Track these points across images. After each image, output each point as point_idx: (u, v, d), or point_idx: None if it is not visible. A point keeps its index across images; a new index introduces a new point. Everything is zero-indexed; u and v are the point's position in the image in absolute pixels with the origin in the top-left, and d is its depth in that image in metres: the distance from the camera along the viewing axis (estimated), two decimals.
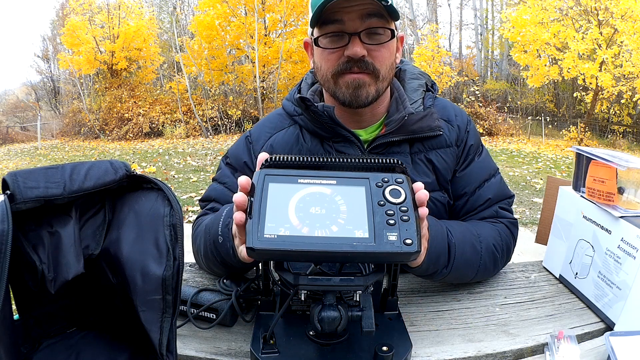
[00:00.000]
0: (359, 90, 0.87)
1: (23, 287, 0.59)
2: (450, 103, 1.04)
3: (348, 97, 0.89)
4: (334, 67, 0.87)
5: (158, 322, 0.56)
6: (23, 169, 0.54)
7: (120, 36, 17.14)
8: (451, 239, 0.79)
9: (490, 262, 0.87)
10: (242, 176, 0.60)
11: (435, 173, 0.95)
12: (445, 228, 0.80)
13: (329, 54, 0.87)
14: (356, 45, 0.83)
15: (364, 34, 0.84)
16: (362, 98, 0.88)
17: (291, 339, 0.66)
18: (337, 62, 0.87)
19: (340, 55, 0.86)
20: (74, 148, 14.07)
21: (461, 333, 0.75)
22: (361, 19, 0.83)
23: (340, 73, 0.87)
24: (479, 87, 19.89)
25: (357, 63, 0.85)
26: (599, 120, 15.43)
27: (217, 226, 0.75)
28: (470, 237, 0.84)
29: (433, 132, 0.94)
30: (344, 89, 0.88)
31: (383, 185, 0.59)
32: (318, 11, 0.82)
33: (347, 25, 0.83)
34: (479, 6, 23.40)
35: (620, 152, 0.87)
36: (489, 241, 0.87)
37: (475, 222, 0.93)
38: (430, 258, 0.72)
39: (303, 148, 0.96)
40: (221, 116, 16.27)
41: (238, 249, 0.65)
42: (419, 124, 0.93)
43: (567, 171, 7.63)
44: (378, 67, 0.86)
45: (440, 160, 0.95)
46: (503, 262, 0.92)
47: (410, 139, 0.94)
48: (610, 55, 12.54)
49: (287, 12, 15.29)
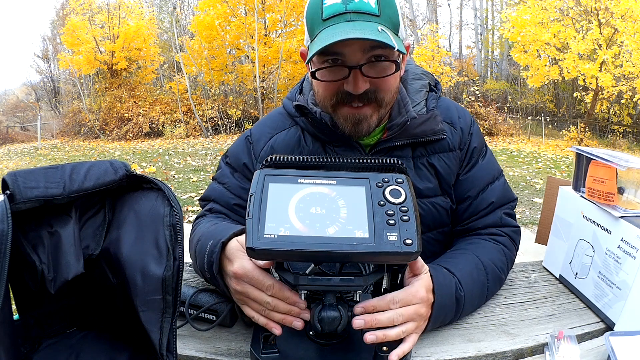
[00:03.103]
0: (358, 125, 0.83)
1: (23, 287, 0.59)
2: (453, 103, 1.01)
3: (347, 130, 0.85)
4: (333, 98, 0.83)
5: (158, 322, 0.56)
6: (23, 169, 0.54)
7: (120, 36, 17.15)
8: (459, 293, 0.74)
9: (495, 286, 0.85)
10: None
11: (437, 178, 0.93)
12: (454, 283, 0.74)
13: (328, 85, 0.82)
14: (357, 80, 0.78)
15: (366, 67, 0.77)
16: (363, 132, 0.85)
17: (291, 339, 0.66)
18: (335, 93, 0.82)
19: (340, 86, 0.81)
20: (74, 148, 14.07)
21: (461, 333, 0.75)
22: (363, 52, 0.76)
23: (339, 104, 0.83)
24: (479, 87, 19.89)
25: (357, 96, 0.80)
26: (599, 120, 15.43)
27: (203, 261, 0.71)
28: (478, 273, 0.80)
29: (436, 136, 0.91)
30: (342, 121, 0.85)
31: (383, 185, 0.59)
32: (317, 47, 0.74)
33: (348, 58, 0.77)
34: (479, 6, 23.40)
35: (620, 152, 0.87)
36: (494, 267, 0.84)
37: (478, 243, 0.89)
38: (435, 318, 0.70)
39: (304, 151, 0.94)
40: (221, 116, 16.28)
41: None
42: (422, 127, 0.90)
43: (567, 171, 7.63)
44: (382, 96, 0.82)
45: (442, 164, 0.92)
46: (506, 277, 0.90)
47: (412, 143, 0.91)
48: (611, 56, 12.54)
49: (287, 12, 15.29)
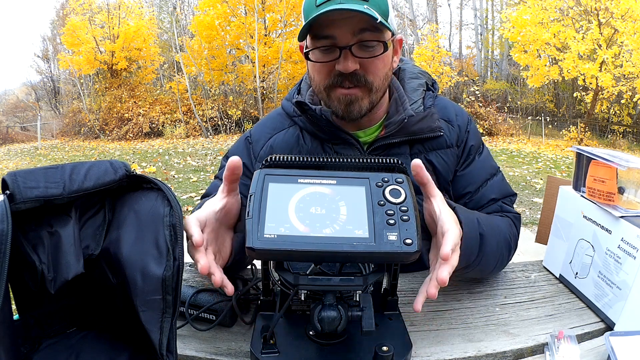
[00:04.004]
0: (351, 106, 0.86)
1: (23, 287, 0.59)
2: (450, 102, 1.02)
3: (341, 112, 0.88)
4: (326, 80, 0.86)
5: (158, 322, 0.56)
6: (23, 169, 0.54)
7: (120, 36, 17.16)
8: (482, 229, 0.74)
9: (505, 253, 0.85)
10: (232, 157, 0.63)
11: (435, 174, 0.94)
12: (475, 217, 0.74)
13: (321, 67, 0.85)
14: (347, 59, 0.81)
15: (356, 47, 0.81)
16: (355, 113, 0.87)
17: (291, 339, 0.65)
18: (329, 75, 0.85)
19: (332, 68, 0.84)
20: (74, 148, 14.07)
21: (461, 333, 0.75)
22: (353, 34, 0.80)
23: (332, 87, 0.86)
24: (479, 87, 19.90)
25: (348, 77, 0.83)
26: (599, 120, 15.43)
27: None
28: (493, 226, 0.81)
29: (433, 133, 0.93)
30: (336, 103, 0.87)
31: (383, 185, 0.59)
32: (309, 24, 0.79)
33: (339, 40, 0.81)
34: (479, 6, 23.40)
35: (620, 152, 0.87)
36: (505, 233, 0.85)
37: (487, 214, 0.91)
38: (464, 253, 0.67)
39: (303, 149, 0.95)
40: (221, 116, 16.28)
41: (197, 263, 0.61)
42: (419, 125, 0.92)
43: (567, 171, 7.63)
44: (371, 79, 0.85)
45: (440, 161, 0.94)
46: (511, 256, 0.91)
47: (410, 140, 0.93)
48: (611, 56, 12.54)
49: (287, 12, 15.29)
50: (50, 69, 25.71)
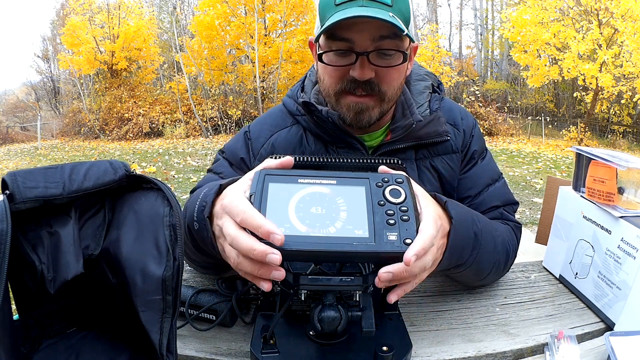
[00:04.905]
0: (360, 114, 0.83)
1: (23, 287, 0.59)
2: (456, 105, 1.00)
3: (349, 119, 0.85)
4: (338, 85, 0.82)
5: (158, 323, 0.56)
6: (22, 169, 0.54)
7: (120, 36, 17.16)
8: (477, 227, 0.70)
9: (502, 260, 0.82)
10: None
11: (440, 180, 0.92)
12: (471, 215, 0.70)
13: (333, 71, 0.81)
14: (364, 66, 0.77)
15: (374, 55, 0.77)
16: (364, 122, 0.84)
17: (291, 339, 0.65)
18: (341, 80, 0.81)
19: (346, 73, 0.80)
20: (74, 148, 14.08)
21: (461, 333, 0.75)
22: (372, 40, 0.76)
23: (343, 92, 0.82)
24: (479, 87, 19.91)
25: (362, 84, 0.80)
26: (599, 120, 15.43)
27: (193, 209, 0.64)
28: (490, 228, 0.77)
29: (440, 138, 0.90)
30: (345, 110, 0.84)
31: (383, 185, 0.59)
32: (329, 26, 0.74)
33: (357, 44, 0.77)
34: (479, 6, 23.41)
35: (620, 152, 0.87)
36: (503, 237, 0.82)
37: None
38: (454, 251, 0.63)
39: (306, 151, 0.92)
40: (221, 116, 16.28)
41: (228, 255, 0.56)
42: (426, 129, 0.89)
43: (567, 171, 7.63)
44: (385, 89, 0.81)
45: (446, 166, 0.92)
46: (509, 264, 0.89)
47: (415, 145, 0.90)
48: (611, 56, 12.54)
49: (287, 12, 15.30)
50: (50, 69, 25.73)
